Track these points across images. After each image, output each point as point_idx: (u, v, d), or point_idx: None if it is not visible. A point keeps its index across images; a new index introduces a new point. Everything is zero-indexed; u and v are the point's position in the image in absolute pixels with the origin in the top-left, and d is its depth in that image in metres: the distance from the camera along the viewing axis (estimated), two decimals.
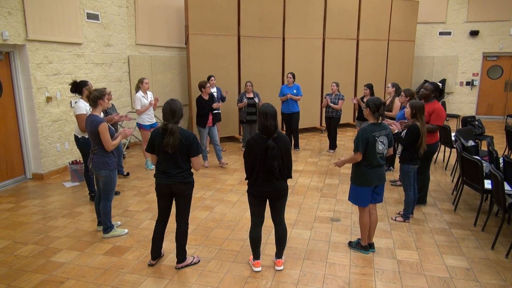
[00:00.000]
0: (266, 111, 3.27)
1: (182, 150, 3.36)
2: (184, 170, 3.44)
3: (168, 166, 3.40)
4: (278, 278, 3.49)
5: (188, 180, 3.47)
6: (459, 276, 3.51)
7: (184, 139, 3.34)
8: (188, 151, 3.39)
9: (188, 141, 3.36)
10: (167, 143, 3.28)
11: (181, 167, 3.41)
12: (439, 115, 4.85)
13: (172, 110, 3.33)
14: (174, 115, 3.33)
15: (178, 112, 3.36)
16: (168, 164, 3.40)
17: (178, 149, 3.34)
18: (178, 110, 3.36)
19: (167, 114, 3.34)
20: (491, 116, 12.62)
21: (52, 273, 3.58)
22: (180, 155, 3.38)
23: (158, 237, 3.66)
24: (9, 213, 4.99)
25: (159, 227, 3.64)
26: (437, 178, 6.39)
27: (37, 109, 6.18)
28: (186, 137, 3.36)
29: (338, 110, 7.90)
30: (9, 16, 5.60)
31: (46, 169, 6.43)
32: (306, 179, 6.34)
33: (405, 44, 11.16)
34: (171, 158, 3.38)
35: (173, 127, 3.29)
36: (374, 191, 3.81)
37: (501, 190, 3.92)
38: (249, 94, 7.82)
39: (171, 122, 3.31)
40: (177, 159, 3.38)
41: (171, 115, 3.33)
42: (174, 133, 3.28)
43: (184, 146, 3.35)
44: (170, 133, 3.27)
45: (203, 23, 8.34)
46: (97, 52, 7.45)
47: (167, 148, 3.30)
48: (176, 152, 3.34)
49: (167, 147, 3.29)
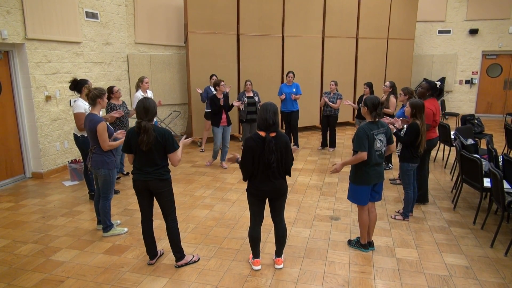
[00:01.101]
0: (267, 106, 3.30)
1: (158, 147, 3.39)
2: (161, 167, 3.46)
3: (145, 163, 3.43)
4: (277, 276, 3.50)
5: (164, 177, 3.48)
6: (459, 274, 3.52)
7: (159, 136, 3.37)
8: (165, 148, 3.41)
9: (164, 138, 3.38)
10: (141, 140, 3.32)
11: (158, 164, 3.43)
12: (426, 114, 4.71)
13: (145, 108, 3.36)
14: (147, 113, 3.36)
15: (151, 110, 3.39)
16: (144, 161, 3.43)
17: (154, 146, 3.36)
18: (151, 108, 3.39)
19: (140, 112, 3.37)
20: (490, 115, 12.63)
21: (52, 272, 3.58)
22: (157, 152, 3.40)
23: (147, 236, 3.66)
24: (9, 212, 4.99)
25: (145, 226, 3.64)
26: (436, 177, 6.40)
27: (36, 108, 6.17)
28: (162, 134, 3.39)
29: (336, 109, 7.89)
30: (8, 15, 5.59)
31: (46, 168, 6.43)
32: (305, 178, 6.34)
33: (405, 42, 11.15)
34: (147, 156, 3.40)
35: (146, 125, 3.32)
36: (373, 190, 3.81)
37: (500, 188, 3.93)
38: (248, 93, 7.81)
39: (145, 120, 3.34)
40: (154, 156, 3.41)
41: (145, 112, 3.36)
42: (148, 130, 3.31)
43: (159, 143, 3.37)
44: (144, 131, 3.31)
45: (202, 21, 8.33)
46: (96, 51, 7.44)
47: (142, 146, 3.33)
48: (152, 149, 3.37)
49: (142, 145, 3.33)
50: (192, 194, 5.61)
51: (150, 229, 3.66)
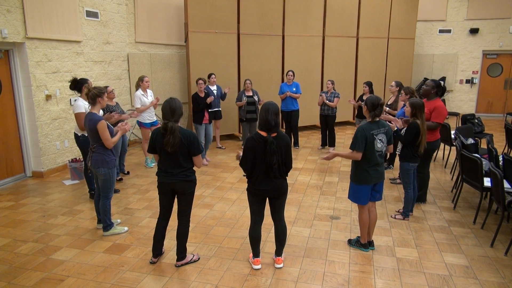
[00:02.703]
0: (268, 106, 3.28)
1: (183, 149, 3.36)
2: (186, 169, 3.44)
3: (170, 165, 3.41)
4: (277, 275, 3.50)
5: (190, 178, 3.48)
6: (459, 274, 3.52)
7: (184, 138, 3.34)
8: (189, 150, 3.39)
9: (189, 140, 3.36)
10: (167, 142, 3.29)
11: (183, 166, 3.42)
12: (440, 113, 4.82)
13: (171, 108, 3.33)
14: (174, 114, 3.33)
15: (177, 111, 3.36)
16: (170, 163, 3.41)
17: (179, 148, 3.34)
18: (177, 109, 3.36)
19: (166, 113, 3.34)
20: (490, 114, 12.62)
21: (52, 271, 3.58)
22: (181, 154, 3.38)
23: (160, 235, 3.67)
24: (9, 211, 4.99)
25: (161, 225, 3.65)
26: (436, 176, 6.40)
27: (37, 107, 6.17)
28: (186, 136, 3.36)
29: (333, 108, 7.88)
30: (8, 14, 5.59)
31: (46, 167, 6.43)
32: (305, 177, 6.34)
33: (405, 42, 11.14)
34: (173, 157, 3.38)
35: (173, 126, 3.28)
36: (374, 189, 3.81)
37: (500, 188, 3.93)
38: (248, 92, 7.81)
39: (171, 121, 3.31)
40: (179, 158, 3.38)
41: (171, 113, 3.32)
42: (174, 132, 3.28)
43: (184, 145, 3.35)
44: (170, 132, 3.27)
45: (202, 20, 8.33)
46: (97, 50, 7.44)
47: (167, 147, 3.30)
48: (177, 151, 3.34)
49: (167, 146, 3.30)
50: None
51: (164, 227, 3.67)
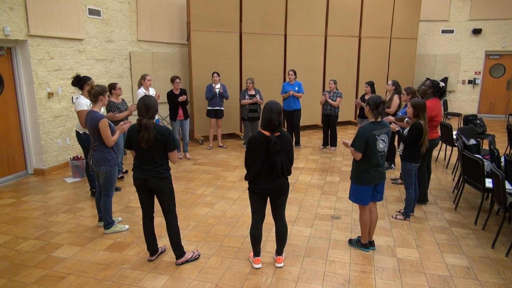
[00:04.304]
0: (271, 106, 3.28)
1: (158, 145, 3.39)
2: (160, 164, 3.46)
3: (144, 161, 3.44)
4: (278, 275, 3.50)
5: (163, 175, 3.48)
6: (459, 275, 3.51)
7: (159, 134, 3.37)
8: (165, 146, 3.42)
9: (164, 136, 3.39)
10: (142, 138, 3.33)
11: (157, 162, 3.44)
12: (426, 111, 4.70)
13: (146, 105, 3.37)
14: (149, 110, 3.37)
15: (152, 108, 3.39)
16: (144, 158, 3.44)
17: (154, 144, 3.37)
18: (152, 106, 3.39)
19: (141, 110, 3.38)
20: (493, 115, 12.59)
21: (53, 268, 3.59)
22: (157, 150, 3.41)
23: (148, 233, 3.68)
24: (11, 208, 5.00)
25: (146, 223, 3.66)
26: (438, 177, 6.38)
27: (39, 104, 6.18)
28: (162, 132, 3.39)
29: (335, 108, 7.87)
30: (11, 12, 5.60)
31: (48, 165, 6.45)
32: (307, 177, 6.34)
33: (408, 42, 11.12)
34: (147, 153, 3.41)
35: (147, 122, 3.32)
36: (375, 190, 3.80)
37: (502, 189, 3.92)
38: (250, 91, 7.81)
39: (146, 118, 3.35)
40: (154, 154, 3.41)
41: (146, 110, 3.37)
42: (148, 128, 3.32)
43: (159, 141, 3.38)
44: (145, 129, 3.31)
45: (205, 19, 8.33)
46: (99, 48, 7.44)
47: (142, 143, 3.34)
48: (152, 147, 3.38)
49: (142, 142, 3.34)
50: (193, 192, 5.61)
51: (150, 226, 3.67)
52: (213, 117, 8.01)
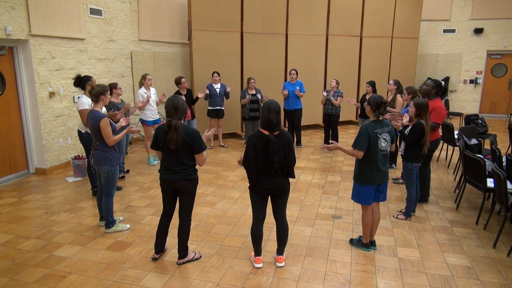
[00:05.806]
0: (270, 105, 3.28)
1: (185, 147, 3.37)
2: (188, 167, 3.44)
3: (172, 162, 3.42)
4: (279, 274, 3.50)
5: (191, 177, 3.48)
6: (460, 275, 3.51)
7: (186, 136, 3.34)
8: (192, 148, 3.39)
9: (191, 138, 3.36)
10: (170, 139, 3.29)
11: (185, 164, 3.42)
12: (439, 114, 4.84)
13: (175, 106, 3.34)
14: (177, 111, 3.34)
15: (181, 108, 3.36)
16: (171, 160, 3.41)
17: (181, 146, 3.34)
18: (181, 106, 3.36)
19: (170, 110, 3.35)
20: (494, 115, 12.56)
21: (54, 268, 3.60)
22: (184, 151, 3.38)
23: (162, 231, 3.69)
24: (12, 208, 5.02)
25: (163, 221, 3.67)
26: (439, 176, 6.38)
27: (40, 104, 6.19)
28: (189, 134, 3.36)
29: (337, 107, 7.85)
30: (12, 11, 5.60)
31: (49, 164, 6.46)
32: (308, 176, 6.34)
33: (409, 41, 11.09)
34: (175, 155, 3.39)
35: (177, 123, 3.29)
36: (377, 190, 3.80)
37: (503, 188, 3.91)
38: (251, 90, 7.81)
39: (175, 118, 3.32)
40: (181, 156, 3.39)
41: (174, 111, 3.33)
42: (177, 129, 3.28)
43: (186, 143, 3.35)
44: (174, 129, 3.28)
45: (206, 19, 8.33)
46: (100, 47, 7.45)
47: (170, 144, 3.31)
48: (179, 148, 3.35)
49: (170, 143, 3.30)
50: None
51: (167, 224, 3.69)
52: (214, 117, 8.02)
